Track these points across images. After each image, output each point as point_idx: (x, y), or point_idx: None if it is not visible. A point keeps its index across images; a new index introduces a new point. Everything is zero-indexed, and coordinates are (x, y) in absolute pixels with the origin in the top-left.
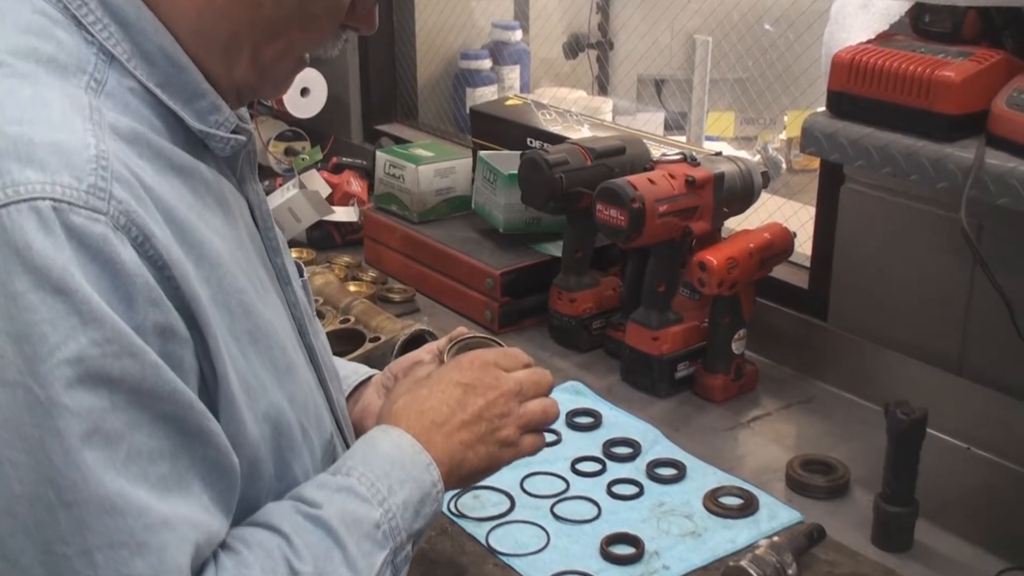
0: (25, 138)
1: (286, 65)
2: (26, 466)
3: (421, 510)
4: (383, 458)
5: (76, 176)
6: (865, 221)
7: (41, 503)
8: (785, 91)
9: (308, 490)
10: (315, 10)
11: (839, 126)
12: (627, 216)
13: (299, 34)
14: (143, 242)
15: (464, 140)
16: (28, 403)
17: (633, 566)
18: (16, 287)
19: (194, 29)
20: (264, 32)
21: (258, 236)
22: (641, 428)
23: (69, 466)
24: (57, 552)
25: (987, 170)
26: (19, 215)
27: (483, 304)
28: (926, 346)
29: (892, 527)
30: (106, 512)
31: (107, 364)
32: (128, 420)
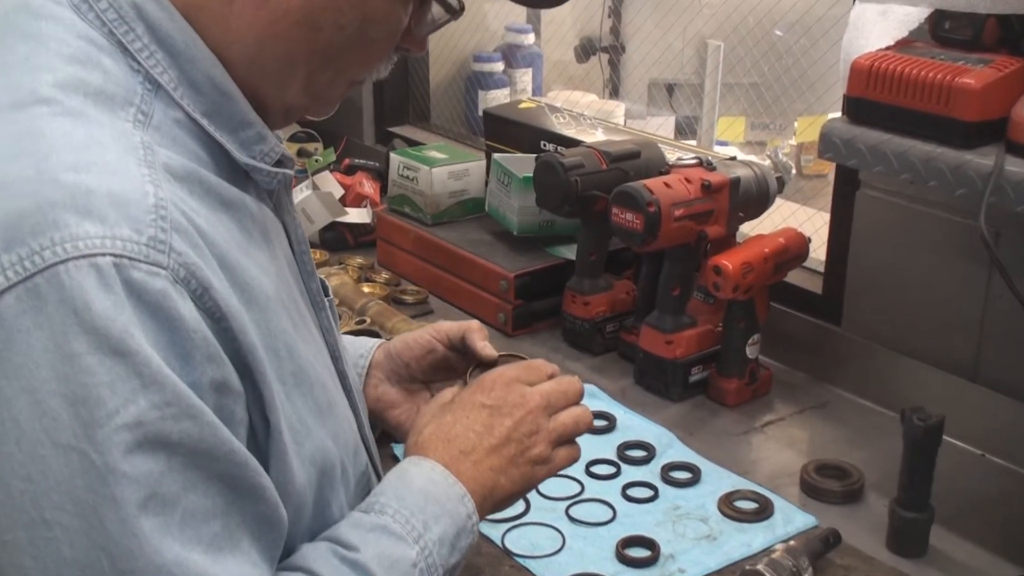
0: (83, 188)
1: (338, 89)
2: (79, 532)
3: (457, 544)
4: (417, 493)
5: (136, 229)
6: (880, 226)
7: (93, 570)
8: (797, 97)
9: (344, 531)
10: (374, 35)
11: (857, 132)
12: (643, 220)
13: (355, 58)
14: (202, 295)
15: (476, 142)
16: (83, 468)
17: (649, 569)
18: (74, 348)
19: (250, 54)
20: (321, 57)
21: (294, 262)
22: (655, 431)
23: (125, 534)
24: None
25: (1006, 177)
26: (78, 272)
27: (496, 306)
28: (941, 352)
29: (907, 533)
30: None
31: (166, 428)
32: (184, 482)
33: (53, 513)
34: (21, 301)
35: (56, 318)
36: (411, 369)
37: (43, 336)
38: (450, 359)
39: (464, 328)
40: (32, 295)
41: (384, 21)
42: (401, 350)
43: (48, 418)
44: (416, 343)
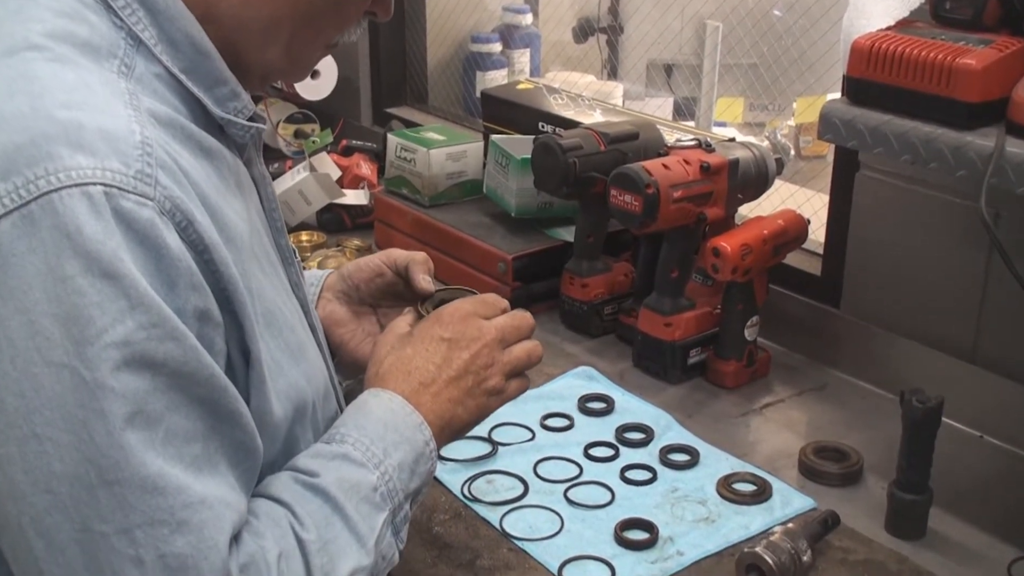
0: (75, 123)
1: (315, 50)
2: (68, 446)
3: (416, 469)
4: (376, 422)
5: (124, 162)
6: (879, 208)
7: (81, 482)
8: (796, 77)
9: (304, 460)
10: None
11: (857, 113)
12: (641, 202)
13: (331, 20)
14: (186, 227)
15: (474, 123)
16: (74, 384)
17: (647, 551)
18: (66, 271)
19: (235, 13)
20: (302, 17)
21: (264, 217)
22: (653, 414)
23: (112, 446)
24: (95, 530)
25: (1007, 158)
26: (71, 200)
27: (494, 289)
28: (940, 334)
29: (906, 514)
30: (147, 491)
31: (151, 348)
32: (168, 403)
33: (44, 428)
34: (16, 227)
35: (49, 242)
36: (361, 292)
37: (37, 260)
38: (398, 285)
39: (410, 258)
40: (27, 221)
41: None
42: (353, 272)
43: (41, 337)
44: (367, 266)
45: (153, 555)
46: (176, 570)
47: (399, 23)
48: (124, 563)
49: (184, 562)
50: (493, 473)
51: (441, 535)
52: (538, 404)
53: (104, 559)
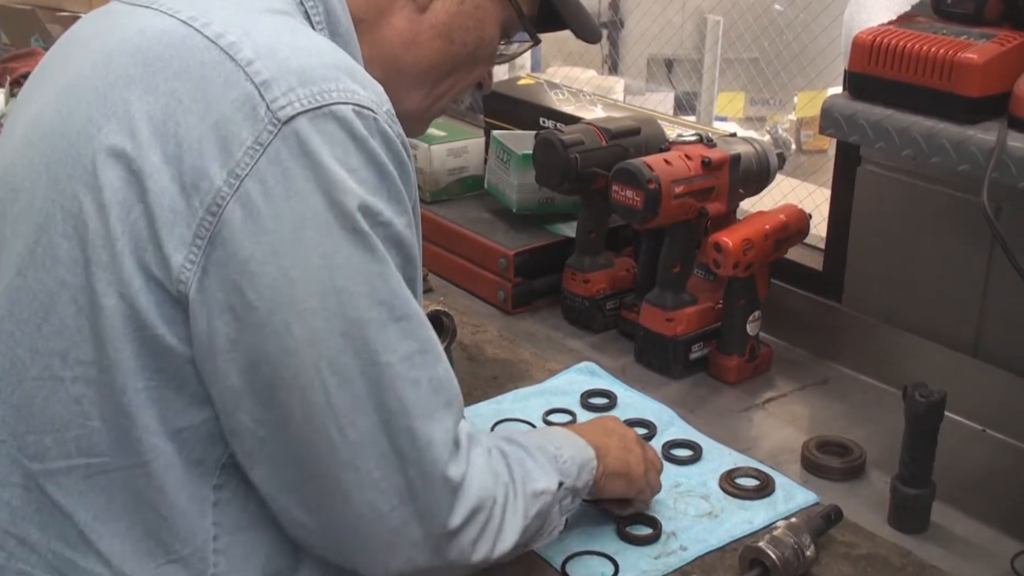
0: (349, 64)
1: (442, 105)
2: (363, 294)
3: (582, 472)
4: (549, 432)
5: (381, 100)
6: (881, 202)
7: (374, 322)
8: (797, 72)
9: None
10: (481, 56)
11: (858, 107)
12: (643, 197)
13: (465, 75)
14: (411, 159)
15: (474, 119)
16: (365, 244)
17: (650, 547)
18: (352, 163)
19: (393, 57)
20: (447, 69)
21: None
22: (656, 409)
23: (397, 289)
24: (382, 361)
25: (1009, 153)
26: (351, 112)
27: (496, 284)
28: (942, 328)
29: (909, 509)
30: (421, 325)
31: (401, 233)
32: (405, 278)
33: (344, 282)
34: (312, 123)
35: (339, 141)
36: None
37: (329, 151)
38: None
39: None
40: (318, 120)
41: (490, 45)
42: None
43: (337, 209)
44: None
45: (426, 377)
46: (438, 390)
47: None
48: (405, 385)
49: (443, 384)
50: None
51: None
52: (540, 400)
53: (389, 384)
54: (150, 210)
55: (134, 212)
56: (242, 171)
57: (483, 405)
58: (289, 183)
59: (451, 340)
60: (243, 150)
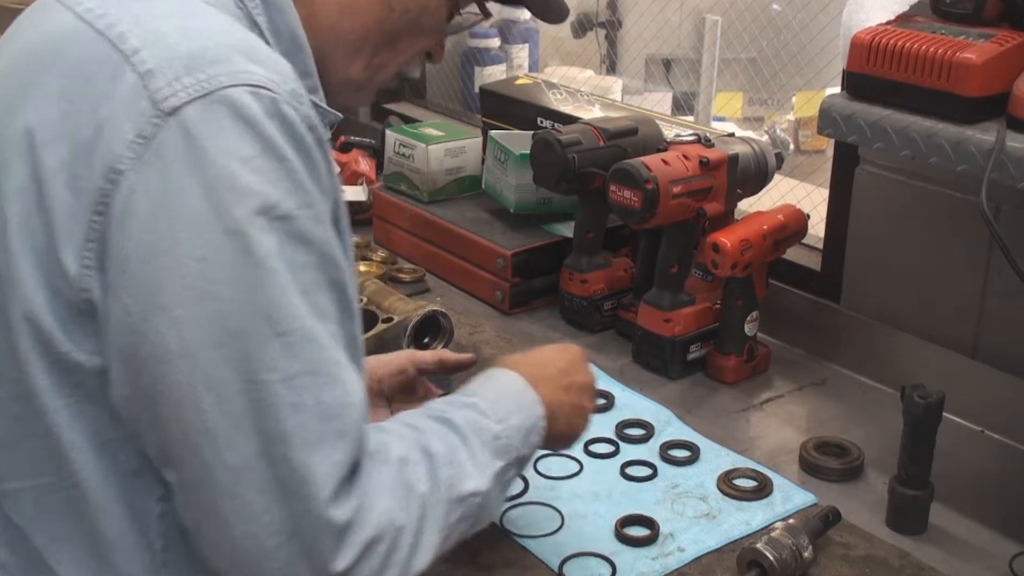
0: (249, 42)
1: (390, 72)
2: (242, 303)
3: (528, 438)
4: (501, 388)
5: (284, 79)
6: (879, 203)
7: (254, 335)
8: (795, 72)
9: (435, 403)
10: (426, 25)
11: (857, 108)
12: (641, 197)
13: (408, 45)
14: (321, 144)
15: (472, 119)
16: (247, 249)
17: (648, 548)
18: (245, 151)
19: (332, 23)
20: (387, 36)
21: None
22: (654, 410)
23: (282, 301)
24: (262, 380)
25: (1008, 153)
26: (246, 95)
27: (494, 284)
28: (940, 329)
29: (907, 510)
30: (311, 343)
31: (308, 227)
32: (316, 279)
33: (221, 287)
34: (201, 112)
35: (231, 127)
36: (382, 384)
37: (221, 140)
38: (415, 384)
39: (438, 355)
40: (210, 108)
41: (435, 14)
42: (376, 366)
43: (221, 207)
44: (392, 362)
45: (312, 401)
46: (328, 418)
47: None
48: (286, 408)
49: (335, 412)
50: None
51: None
52: None
53: (268, 406)
54: (48, 219)
55: (33, 223)
56: (124, 167)
57: None
58: (169, 179)
59: (448, 340)
60: (125, 145)
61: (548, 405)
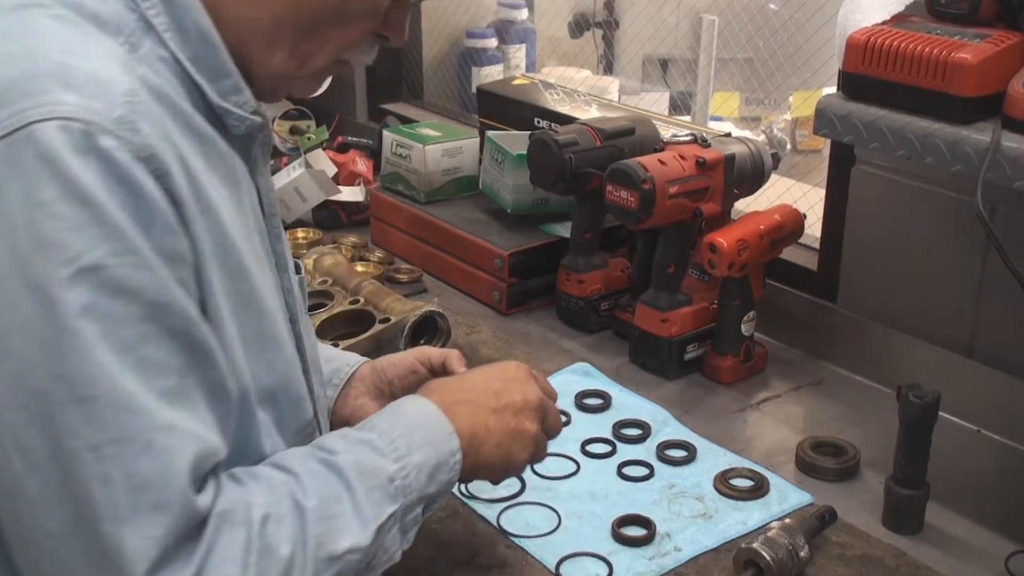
0: (67, 65)
1: (323, 61)
2: (41, 363)
3: (436, 475)
4: (407, 419)
5: (108, 105)
6: (876, 202)
7: (54, 399)
8: (792, 72)
9: (328, 439)
10: (354, 9)
11: (853, 108)
12: (638, 197)
13: (337, 32)
14: (162, 176)
15: (469, 119)
16: (47, 304)
17: (644, 548)
18: (44, 196)
19: (237, 14)
20: (305, 24)
21: (263, 222)
22: (651, 410)
23: (85, 364)
24: (66, 446)
25: (1003, 153)
26: (52, 130)
27: (491, 285)
28: (937, 328)
29: (904, 509)
30: (118, 408)
31: (125, 275)
32: (142, 332)
33: (20, 345)
34: (6, 151)
35: (29, 169)
36: (393, 386)
37: (17, 185)
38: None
39: (445, 355)
40: (11, 148)
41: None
42: (386, 367)
43: (19, 259)
44: (401, 363)
45: (120, 473)
46: (139, 490)
47: None
48: (92, 479)
49: (148, 484)
50: None
51: (438, 532)
52: None
53: (76, 474)
54: None
55: None
56: None
57: None
58: None
59: (445, 341)
60: None
61: (469, 434)
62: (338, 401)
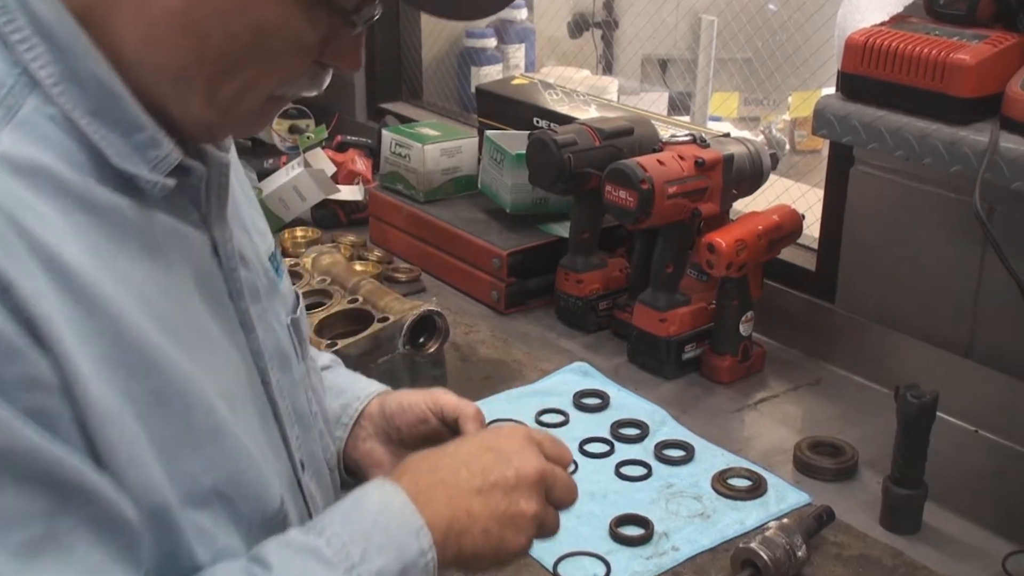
0: None
1: (252, 103)
2: None
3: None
4: (366, 517)
5: None
6: (874, 203)
7: None
8: (791, 72)
9: (268, 547)
10: (274, 45)
11: (852, 108)
12: (636, 197)
13: (259, 71)
14: (3, 290)
15: (469, 119)
16: None
17: (642, 547)
18: None
19: (137, 58)
20: (216, 66)
21: (220, 278)
22: (649, 409)
23: None
24: None
25: (1001, 154)
26: None
27: (489, 284)
28: (935, 329)
29: (901, 509)
30: None
31: None
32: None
33: None
34: None
35: None
36: (401, 434)
37: None
38: (443, 436)
39: (460, 411)
40: None
41: (281, 31)
42: (395, 412)
43: None
44: (412, 410)
45: None
46: None
47: (393, 18)
48: None
49: None
50: None
51: None
52: (533, 400)
53: None
54: None
55: None
56: None
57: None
58: None
59: (443, 340)
60: None
61: (446, 524)
62: (348, 442)
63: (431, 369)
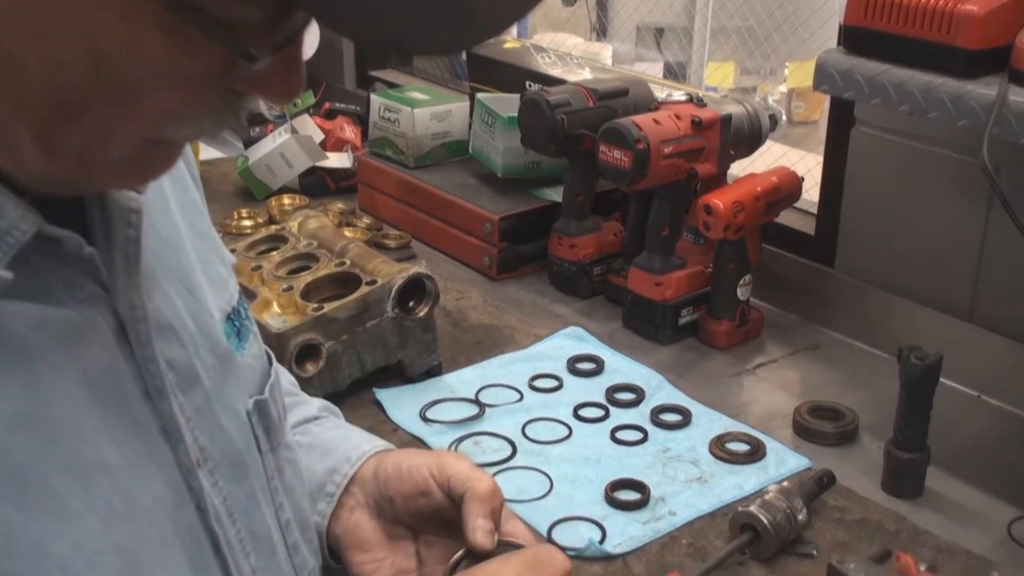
0: None
1: (120, 151)
2: None
3: None
4: None
5: None
6: (875, 165)
7: None
8: (786, 41)
9: None
10: (129, 78)
11: (854, 62)
12: (631, 157)
13: (118, 110)
14: None
15: (460, 86)
16: None
17: (639, 512)
18: None
19: None
20: (44, 107)
21: (128, 372)
22: (644, 374)
23: None
24: None
25: (1010, 107)
26: None
27: (481, 250)
28: (937, 292)
29: (903, 473)
30: None
31: None
32: None
33: None
34: None
35: None
36: (395, 507)
37: None
38: (448, 512)
39: (471, 487)
40: None
41: (134, 60)
42: (392, 477)
43: None
44: (411, 476)
45: None
46: None
47: None
48: None
49: None
50: (481, 435)
51: None
52: (526, 365)
53: None
54: None
55: None
56: None
57: (468, 371)
58: None
59: (433, 304)
60: None
61: None
62: (332, 515)
63: (421, 334)
